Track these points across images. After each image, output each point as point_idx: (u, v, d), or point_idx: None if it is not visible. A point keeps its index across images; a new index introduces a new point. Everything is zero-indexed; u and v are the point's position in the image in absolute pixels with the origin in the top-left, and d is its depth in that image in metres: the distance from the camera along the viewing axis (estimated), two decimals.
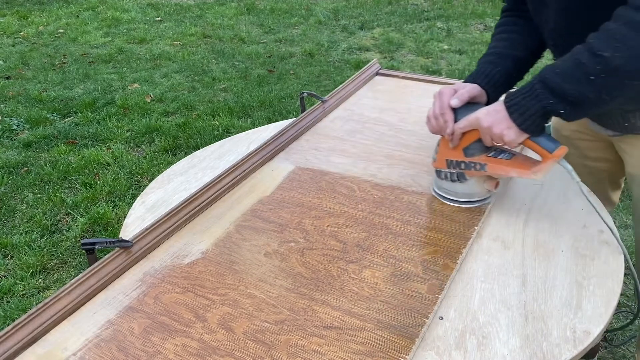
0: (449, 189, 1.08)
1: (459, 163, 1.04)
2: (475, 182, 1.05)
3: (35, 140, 3.11)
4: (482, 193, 1.07)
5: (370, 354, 0.76)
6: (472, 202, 1.07)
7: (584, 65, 0.86)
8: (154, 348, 0.79)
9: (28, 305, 1.95)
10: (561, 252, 0.96)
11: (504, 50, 1.12)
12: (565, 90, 0.88)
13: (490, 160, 1.01)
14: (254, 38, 4.90)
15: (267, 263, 0.95)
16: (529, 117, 0.93)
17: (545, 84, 0.90)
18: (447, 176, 1.07)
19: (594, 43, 0.86)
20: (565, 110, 0.90)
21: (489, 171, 1.01)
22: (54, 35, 5.07)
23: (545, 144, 0.95)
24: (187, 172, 1.27)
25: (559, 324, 0.81)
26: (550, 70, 0.90)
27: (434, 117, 1.05)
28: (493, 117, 0.96)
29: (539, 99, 0.91)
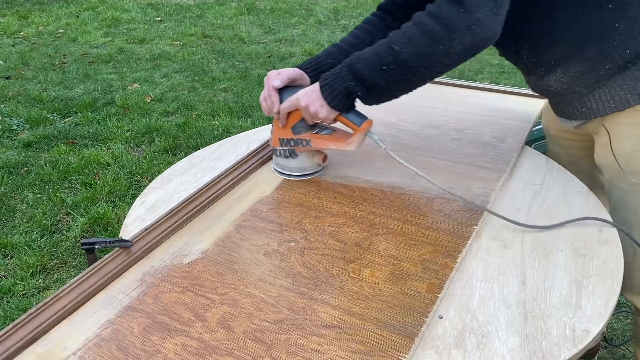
0: (284, 164, 1.19)
1: (289, 141, 1.15)
2: (305, 157, 1.17)
3: (35, 140, 3.11)
4: (314, 166, 1.19)
5: (369, 353, 0.76)
6: (305, 175, 1.19)
7: (380, 55, 0.98)
8: (153, 347, 0.79)
9: (28, 305, 1.95)
10: (560, 251, 0.96)
11: (347, 47, 1.20)
12: (363, 75, 1.00)
13: (314, 136, 1.13)
14: (254, 38, 4.91)
15: (267, 262, 0.95)
16: (337, 96, 1.04)
17: (350, 67, 1.01)
18: (281, 153, 1.18)
19: (392, 37, 0.97)
20: (362, 93, 1.03)
21: (313, 146, 1.13)
22: (54, 35, 5.08)
23: (353, 118, 1.09)
24: (187, 172, 1.27)
25: (558, 323, 0.81)
26: (357, 56, 1.02)
27: (264, 99, 1.15)
28: (309, 97, 1.06)
29: (344, 80, 1.02)
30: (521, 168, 1.23)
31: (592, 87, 1.07)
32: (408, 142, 1.33)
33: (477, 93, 1.62)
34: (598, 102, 1.08)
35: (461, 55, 0.94)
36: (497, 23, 0.91)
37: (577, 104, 1.12)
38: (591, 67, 1.04)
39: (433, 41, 0.92)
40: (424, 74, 0.98)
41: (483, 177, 1.17)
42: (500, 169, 1.20)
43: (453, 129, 1.39)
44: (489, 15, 0.90)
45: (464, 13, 0.89)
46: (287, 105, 1.10)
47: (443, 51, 0.93)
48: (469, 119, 1.45)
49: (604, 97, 1.07)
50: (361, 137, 1.10)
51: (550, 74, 1.11)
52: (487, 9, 0.89)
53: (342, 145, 1.10)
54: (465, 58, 0.95)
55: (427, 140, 1.34)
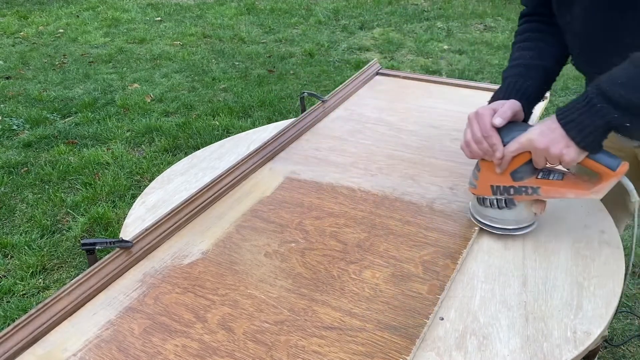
0: (495, 216, 1.00)
1: (507, 189, 0.96)
2: (524, 207, 0.98)
3: (35, 140, 3.11)
4: (530, 217, 1.00)
5: (370, 354, 0.76)
6: (521, 228, 1.00)
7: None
8: (154, 349, 0.79)
9: (28, 305, 1.95)
10: (561, 252, 0.96)
11: (532, 61, 1.05)
12: (631, 101, 0.82)
13: (542, 182, 0.94)
14: (254, 38, 4.90)
15: (268, 263, 0.95)
16: (589, 134, 0.86)
17: (606, 96, 0.83)
18: (493, 203, 0.99)
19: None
20: (632, 124, 0.83)
21: (542, 195, 0.94)
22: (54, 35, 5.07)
23: (607, 161, 0.89)
24: (187, 172, 1.27)
25: (559, 324, 0.81)
26: (608, 80, 0.84)
27: (476, 141, 0.95)
28: (549, 137, 0.88)
29: (601, 113, 0.84)
30: None
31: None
32: (409, 142, 1.33)
33: (477, 93, 1.62)
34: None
35: None
36: None
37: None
38: None
39: None
40: None
41: None
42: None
43: (453, 129, 1.39)
44: None
45: None
46: (516, 147, 0.91)
47: None
48: None
49: None
50: (613, 183, 0.90)
51: None
52: None
53: (584, 194, 0.91)
54: None
55: (427, 140, 1.34)
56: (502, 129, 0.94)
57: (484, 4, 5.63)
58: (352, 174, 1.21)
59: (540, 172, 0.95)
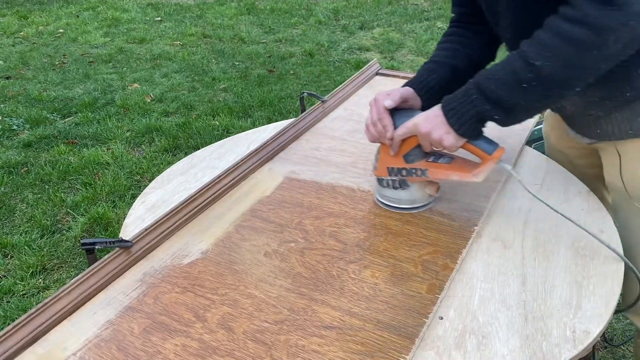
0: (392, 196, 1.08)
1: (400, 170, 1.04)
2: (417, 188, 1.06)
3: (35, 140, 3.11)
4: (425, 198, 1.08)
5: (370, 354, 0.76)
6: (415, 207, 1.07)
7: (517, 73, 0.88)
8: (153, 348, 0.79)
9: (28, 305, 1.95)
10: (561, 252, 0.96)
11: (444, 59, 1.13)
12: (499, 96, 0.90)
13: (431, 165, 1.02)
14: (254, 38, 4.91)
15: (267, 263, 0.95)
16: (466, 122, 0.94)
17: (481, 89, 0.91)
18: (389, 184, 1.07)
19: (527, 52, 0.87)
20: (499, 116, 0.92)
21: (430, 176, 1.02)
22: (54, 35, 5.08)
23: (484, 146, 0.97)
24: (187, 172, 1.27)
25: (558, 324, 0.81)
26: (485, 76, 0.92)
27: (372, 124, 1.04)
28: (431, 123, 0.96)
29: (475, 104, 0.92)
30: (521, 168, 1.23)
31: (609, 111, 1.02)
32: None
33: None
34: (614, 126, 1.03)
35: (618, 54, 0.84)
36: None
37: (592, 126, 1.08)
38: (611, 94, 0.99)
39: (583, 48, 0.83)
40: (573, 85, 0.88)
41: None
42: (501, 168, 1.20)
43: None
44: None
45: (616, 11, 0.80)
46: (403, 131, 1.00)
47: (597, 56, 0.83)
48: None
49: (621, 122, 1.02)
50: (492, 166, 0.98)
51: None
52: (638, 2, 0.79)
53: (467, 176, 0.99)
54: (623, 56, 0.85)
55: None
56: (396, 115, 1.03)
57: None
58: (351, 174, 1.21)
59: (431, 155, 1.03)
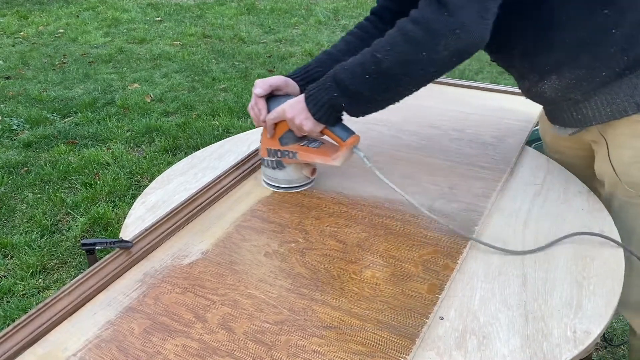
0: (271, 175, 1.15)
1: (276, 152, 1.12)
2: (293, 169, 1.13)
3: (35, 140, 3.11)
4: (301, 179, 1.15)
5: (370, 354, 0.76)
6: (292, 187, 1.15)
7: (363, 64, 0.93)
8: (154, 348, 0.79)
9: (28, 305, 1.95)
10: (561, 252, 0.96)
11: (338, 53, 1.16)
12: (347, 85, 0.95)
13: (301, 148, 1.09)
14: (254, 38, 4.91)
15: (267, 263, 0.95)
16: (321, 108, 0.99)
17: (334, 78, 0.97)
18: (268, 164, 1.14)
19: (375, 45, 0.92)
20: (345, 104, 0.98)
21: (299, 158, 1.10)
22: (54, 35, 5.08)
23: (340, 133, 1.04)
24: (187, 172, 1.27)
25: (559, 324, 0.81)
26: (341, 65, 0.97)
27: (251, 108, 1.11)
28: (295, 109, 1.02)
29: (328, 91, 0.98)
30: (521, 168, 1.23)
31: (588, 94, 1.04)
32: (408, 142, 1.33)
33: (477, 93, 1.62)
34: (594, 110, 1.05)
35: (446, 61, 0.89)
36: (484, 27, 0.86)
37: (572, 111, 1.09)
38: (587, 74, 1.01)
39: (415, 48, 0.88)
40: (407, 83, 0.94)
41: (483, 177, 1.17)
42: (501, 169, 1.20)
43: (453, 129, 1.39)
44: (475, 18, 0.85)
45: (447, 17, 0.84)
46: (273, 116, 1.07)
47: (426, 58, 0.88)
48: (469, 119, 1.45)
49: (600, 105, 1.03)
50: (347, 152, 1.06)
51: (544, 80, 1.06)
52: (473, 11, 0.84)
53: (327, 160, 1.07)
54: (451, 65, 0.90)
55: (427, 140, 1.34)
56: (272, 102, 1.10)
57: None
58: (351, 174, 1.21)
59: (305, 139, 1.10)
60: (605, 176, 1.12)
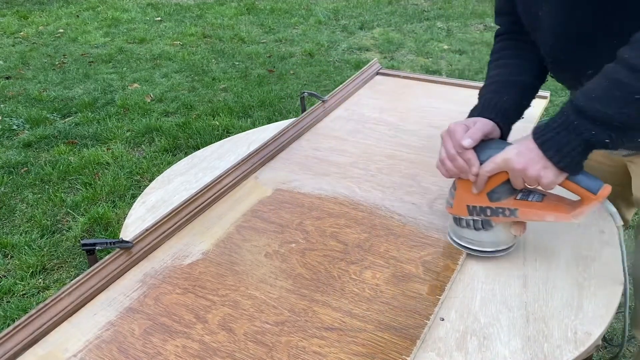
0: (472, 238, 0.95)
1: (483, 209, 0.92)
2: (502, 228, 0.93)
3: (35, 140, 3.11)
4: (509, 239, 0.95)
5: (371, 355, 0.76)
6: (499, 251, 0.95)
7: (625, 84, 0.77)
8: (154, 349, 0.79)
9: (28, 305, 1.95)
10: (562, 253, 0.96)
11: (507, 77, 1.02)
12: (608, 115, 0.78)
13: (521, 204, 0.89)
14: (254, 38, 4.90)
15: (268, 264, 0.95)
16: (568, 154, 0.81)
17: (583, 112, 0.79)
18: (469, 224, 0.94)
19: (630, 58, 0.77)
20: (611, 139, 0.79)
21: (520, 217, 0.90)
22: (54, 35, 5.07)
23: (587, 183, 0.84)
24: (187, 172, 1.27)
25: (560, 325, 0.81)
26: (584, 96, 0.80)
27: (450, 158, 0.92)
28: (526, 158, 0.84)
29: (579, 131, 0.80)
30: None
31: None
32: (409, 142, 1.33)
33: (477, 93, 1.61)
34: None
35: None
36: None
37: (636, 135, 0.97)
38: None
39: None
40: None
41: None
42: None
43: None
44: None
45: None
46: (491, 167, 0.87)
47: None
48: None
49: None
50: (595, 206, 0.85)
51: None
52: None
53: (564, 217, 0.86)
54: None
55: (427, 140, 1.33)
56: (479, 147, 0.90)
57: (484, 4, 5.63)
58: (352, 174, 1.21)
59: (519, 192, 0.91)
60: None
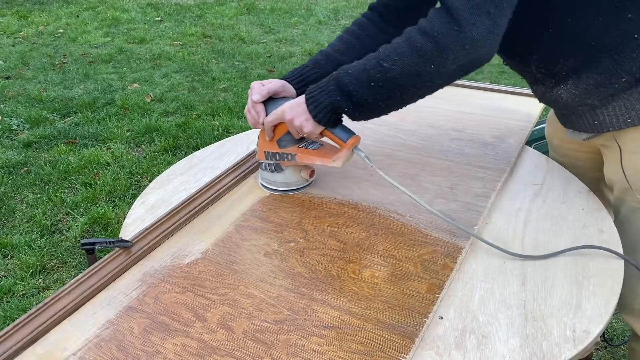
0: (269, 179, 1.15)
1: (274, 154, 1.11)
2: (292, 172, 1.13)
3: (35, 140, 3.11)
4: (300, 182, 1.15)
5: (369, 353, 0.76)
6: (290, 190, 1.15)
7: (368, 71, 0.93)
8: (153, 348, 0.79)
9: (28, 305, 1.95)
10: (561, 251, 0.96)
11: (336, 54, 1.16)
12: (350, 90, 0.95)
13: (300, 150, 1.09)
14: (254, 38, 4.91)
15: (267, 263, 0.95)
16: (322, 110, 0.99)
17: (337, 81, 0.97)
18: (266, 167, 1.14)
19: (381, 53, 0.92)
20: (348, 109, 0.98)
21: (299, 161, 1.10)
22: (54, 35, 5.08)
23: (340, 134, 1.04)
24: (186, 172, 1.27)
25: (558, 323, 0.81)
26: (344, 69, 0.97)
27: (247, 111, 1.11)
28: (295, 110, 1.02)
29: (330, 94, 0.97)
30: (521, 168, 1.23)
31: (606, 100, 1.01)
32: (408, 142, 1.33)
33: (477, 93, 1.62)
34: (612, 116, 1.02)
35: (453, 74, 0.90)
36: (494, 42, 0.87)
37: (588, 117, 1.07)
38: (606, 80, 0.98)
39: (424, 60, 0.88)
40: (413, 92, 0.94)
41: (483, 177, 1.17)
42: (501, 168, 1.20)
43: (453, 129, 1.39)
44: (485, 34, 0.85)
45: (457, 32, 0.84)
46: (272, 118, 1.06)
47: (434, 70, 0.89)
48: (469, 119, 1.45)
49: (619, 111, 1.01)
50: (348, 153, 1.06)
51: (561, 85, 1.04)
52: (483, 27, 0.84)
53: (327, 161, 1.06)
54: (457, 77, 0.91)
55: (427, 140, 1.34)
56: (270, 103, 1.09)
57: None
58: (351, 173, 1.21)
59: (304, 141, 1.10)
60: (616, 182, 1.10)
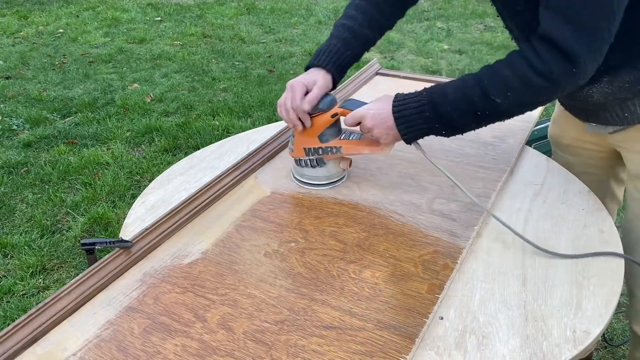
0: (310, 174, 1.16)
1: (316, 149, 1.12)
2: (333, 164, 1.15)
3: (35, 140, 3.11)
4: (340, 173, 1.17)
5: (370, 354, 0.76)
6: (332, 182, 1.17)
7: (474, 103, 0.94)
8: (153, 348, 0.79)
9: (28, 305, 1.95)
10: (561, 251, 0.96)
11: (360, 28, 1.15)
12: (452, 118, 0.96)
13: (344, 142, 1.11)
14: (254, 38, 4.90)
15: (267, 263, 0.95)
16: (413, 132, 1.00)
17: (436, 108, 0.96)
18: (307, 163, 1.14)
19: (488, 86, 0.92)
20: (446, 132, 1.00)
21: (344, 152, 1.11)
22: (54, 35, 5.07)
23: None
24: (187, 172, 1.27)
25: (559, 324, 0.81)
26: (441, 94, 0.96)
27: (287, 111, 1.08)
28: (377, 120, 1.01)
29: (427, 120, 0.98)
30: (522, 168, 1.23)
31: (637, 92, 1.01)
32: None
33: None
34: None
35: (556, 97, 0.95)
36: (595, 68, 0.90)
37: (618, 110, 1.06)
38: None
39: (539, 95, 0.91)
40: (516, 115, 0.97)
41: (483, 177, 1.17)
42: (501, 168, 1.20)
43: None
44: (594, 66, 0.88)
45: (575, 72, 0.87)
46: (351, 121, 1.05)
47: (547, 99, 0.93)
48: None
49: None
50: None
51: (594, 84, 1.03)
52: (594, 60, 0.87)
53: (377, 150, 1.07)
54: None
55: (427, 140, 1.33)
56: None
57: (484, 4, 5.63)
58: (351, 174, 1.21)
59: (343, 133, 1.12)
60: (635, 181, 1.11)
